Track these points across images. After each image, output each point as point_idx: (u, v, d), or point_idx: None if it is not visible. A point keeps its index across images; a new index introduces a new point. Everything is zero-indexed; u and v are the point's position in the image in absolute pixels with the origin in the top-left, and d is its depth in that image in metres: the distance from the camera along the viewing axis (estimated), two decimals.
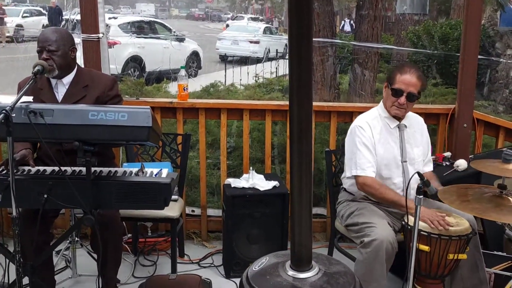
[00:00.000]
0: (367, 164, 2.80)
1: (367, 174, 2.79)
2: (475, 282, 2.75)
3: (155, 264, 3.46)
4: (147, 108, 2.23)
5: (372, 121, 2.89)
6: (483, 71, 8.92)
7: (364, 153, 2.81)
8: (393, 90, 2.79)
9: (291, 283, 1.69)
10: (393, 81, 2.80)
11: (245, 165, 3.73)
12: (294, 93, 1.52)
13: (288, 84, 1.53)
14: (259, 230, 3.31)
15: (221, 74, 9.74)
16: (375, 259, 2.53)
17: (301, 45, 1.44)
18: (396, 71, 2.83)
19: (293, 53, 1.46)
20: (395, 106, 2.83)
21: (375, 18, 4.89)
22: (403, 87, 2.78)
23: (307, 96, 1.52)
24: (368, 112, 3.00)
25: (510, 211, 2.11)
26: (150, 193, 2.34)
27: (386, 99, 2.87)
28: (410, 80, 2.78)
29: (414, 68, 2.85)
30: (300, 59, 1.46)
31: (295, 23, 1.43)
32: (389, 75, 2.86)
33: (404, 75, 2.77)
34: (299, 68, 1.48)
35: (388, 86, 2.85)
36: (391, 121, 2.89)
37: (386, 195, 2.76)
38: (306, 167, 1.57)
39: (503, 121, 3.78)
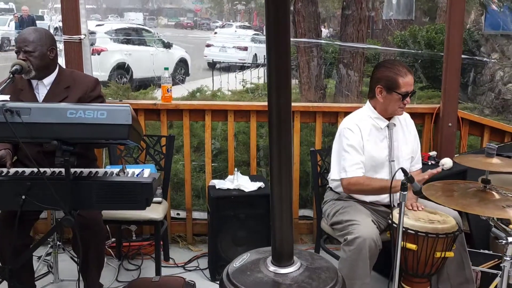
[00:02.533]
0: (355, 166, 2.76)
1: (353, 175, 2.76)
2: (462, 280, 2.73)
3: (140, 268, 3.41)
4: (127, 106, 2.19)
5: (361, 122, 2.85)
6: (468, 72, 8.99)
7: (352, 155, 2.78)
8: (402, 95, 2.74)
9: (272, 278, 1.66)
10: (397, 86, 2.74)
11: (230, 167, 3.70)
12: (272, 84, 1.50)
13: (266, 74, 1.51)
14: (244, 231, 3.27)
15: (209, 81, 9.73)
16: (358, 256, 2.50)
17: (279, 37, 1.42)
18: (395, 75, 2.75)
19: (271, 43, 1.44)
20: (401, 108, 2.82)
21: (360, 20, 4.90)
22: (408, 89, 2.76)
23: (286, 86, 1.50)
24: (356, 113, 2.95)
25: (493, 205, 2.10)
26: (131, 193, 2.29)
27: (389, 103, 2.79)
28: (411, 80, 2.78)
29: (405, 66, 2.82)
30: (278, 48, 1.44)
31: (273, 12, 1.41)
32: (388, 80, 2.76)
33: (406, 78, 2.74)
34: (277, 58, 1.46)
35: (387, 91, 2.77)
36: (381, 121, 2.86)
37: (373, 185, 2.73)
38: (285, 159, 1.55)
39: (488, 120, 3.80)
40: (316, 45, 4.76)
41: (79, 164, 2.34)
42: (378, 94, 2.82)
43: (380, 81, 2.80)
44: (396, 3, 11.81)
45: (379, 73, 2.82)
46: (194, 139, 4.58)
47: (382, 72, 2.81)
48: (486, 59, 8.83)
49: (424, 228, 2.46)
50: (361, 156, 2.79)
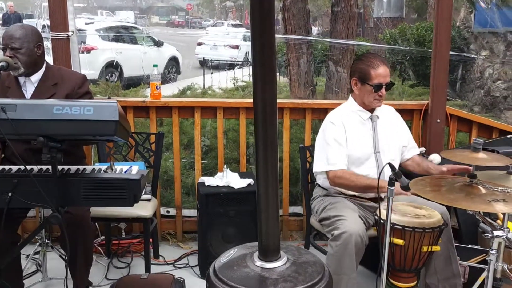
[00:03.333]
0: (338, 158, 2.80)
1: (338, 167, 2.79)
2: (449, 275, 2.75)
3: (129, 265, 3.41)
4: (114, 102, 2.18)
5: (344, 116, 2.89)
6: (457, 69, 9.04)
7: (335, 148, 2.81)
8: (374, 87, 2.78)
9: (259, 273, 1.66)
10: (369, 77, 2.79)
11: (220, 163, 3.70)
12: (257, 77, 1.50)
13: (252, 68, 1.51)
14: (234, 228, 3.27)
15: (201, 79, 9.71)
16: (345, 252, 2.51)
17: (264, 30, 1.42)
18: (367, 67, 2.81)
19: (256, 37, 1.44)
20: (377, 100, 2.85)
21: (350, 18, 4.91)
22: (381, 80, 2.79)
23: (271, 80, 1.50)
24: (339, 108, 3.00)
25: (480, 199, 2.11)
26: (119, 190, 2.28)
27: (364, 95, 2.85)
28: (385, 72, 2.81)
29: (379, 58, 2.87)
30: (263, 43, 1.44)
31: (257, 7, 1.41)
32: (360, 72, 2.83)
33: (378, 69, 2.78)
34: (262, 52, 1.46)
35: (361, 83, 2.83)
36: (363, 113, 2.90)
37: (358, 182, 2.77)
38: (271, 153, 1.55)
39: (476, 116, 3.83)
40: (306, 42, 4.76)
41: (68, 162, 2.33)
42: (353, 86, 2.89)
43: (354, 73, 2.88)
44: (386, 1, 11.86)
45: (355, 66, 2.90)
46: (184, 136, 4.57)
47: (356, 65, 2.88)
48: (474, 55, 8.88)
49: (410, 223, 2.47)
50: (345, 150, 2.82)
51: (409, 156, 3.03)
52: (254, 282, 1.62)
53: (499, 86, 8.65)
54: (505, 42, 8.40)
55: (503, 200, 2.10)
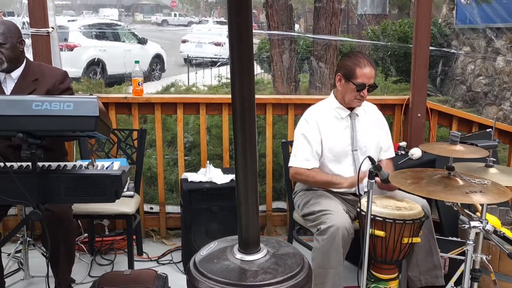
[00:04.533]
0: (302, 157, 2.82)
1: (300, 166, 2.82)
2: (430, 267, 2.78)
3: (113, 263, 3.40)
4: (94, 97, 2.17)
5: (321, 113, 2.88)
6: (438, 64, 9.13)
7: (302, 146, 2.83)
8: (357, 85, 2.76)
9: (239, 265, 1.67)
10: (353, 75, 2.77)
11: (203, 159, 3.70)
12: (235, 71, 1.51)
13: (229, 62, 1.51)
14: (217, 224, 3.28)
15: (185, 77, 9.69)
16: (332, 245, 2.53)
17: (240, 21, 1.43)
18: (353, 65, 2.78)
19: (233, 29, 1.44)
20: (357, 99, 2.83)
21: (333, 14, 4.93)
22: (365, 81, 2.77)
23: (248, 74, 1.50)
24: (318, 105, 2.99)
25: (457, 191, 2.15)
26: (100, 186, 2.27)
27: (345, 92, 2.83)
28: (370, 73, 2.79)
29: (367, 58, 2.85)
30: (240, 35, 1.45)
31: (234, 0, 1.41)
32: (346, 69, 2.81)
33: (364, 69, 2.76)
34: (239, 45, 1.46)
35: (345, 79, 2.81)
36: (342, 110, 2.89)
37: (317, 178, 2.81)
38: (250, 146, 1.56)
39: (456, 110, 3.89)
40: (289, 38, 4.78)
41: (49, 158, 2.32)
42: (337, 81, 2.88)
43: (340, 69, 2.87)
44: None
45: (342, 62, 2.89)
46: (167, 133, 4.56)
47: (344, 61, 2.87)
48: (454, 50, 8.98)
49: (391, 215, 2.50)
50: (312, 149, 2.82)
51: (380, 158, 3.02)
52: (234, 274, 1.63)
53: (480, 82, 8.76)
54: (486, 38, 8.51)
55: (480, 192, 2.14)
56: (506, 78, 8.09)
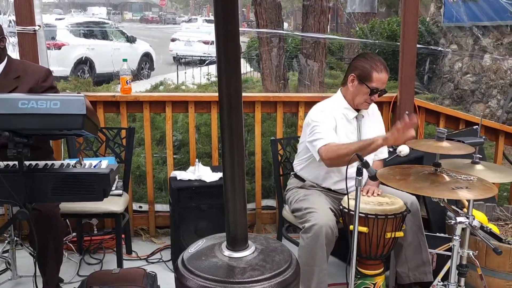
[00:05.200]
0: (330, 134, 2.71)
1: (331, 141, 2.68)
2: (419, 263, 2.81)
3: (101, 262, 3.38)
4: (81, 95, 2.16)
5: (334, 110, 2.84)
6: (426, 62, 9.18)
7: (325, 126, 2.73)
8: (371, 89, 2.74)
9: (227, 262, 1.67)
10: (369, 79, 2.73)
11: (192, 158, 3.70)
12: (222, 68, 1.51)
13: (216, 59, 1.51)
14: (206, 222, 3.27)
15: (175, 76, 9.65)
16: (316, 243, 2.54)
17: (227, 18, 1.43)
18: (370, 68, 2.73)
19: (219, 25, 1.44)
20: (367, 103, 2.82)
21: (321, 12, 4.94)
22: (379, 86, 2.75)
23: (235, 72, 1.50)
24: (325, 102, 2.94)
25: (444, 187, 2.17)
26: (88, 185, 2.26)
27: (357, 94, 2.79)
28: (385, 78, 2.77)
29: (384, 63, 2.80)
30: (227, 32, 1.45)
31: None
32: (362, 71, 2.76)
33: (381, 74, 2.73)
34: (226, 41, 1.46)
35: (359, 81, 2.77)
36: (350, 111, 2.87)
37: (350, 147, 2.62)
38: (237, 143, 1.56)
39: (443, 108, 3.92)
40: (277, 36, 4.78)
41: (35, 157, 2.30)
42: (349, 82, 2.82)
43: (355, 69, 2.80)
44: None
45: (357, 62, 2.81)
46: (156, 131, 4.55)
47: (360, 62, 2.79)
48: (441, 48, 9.04)
49: (373, 210, 2.52)
50: (334, 131, 2.74)
51: (376, 159, 3.03)
52: (222, 271, 1.63)
53: (468, 79, 8.83)
54: (473, 37, 8.58)
55: (466, 188, 2.16)
56: (493, 76, 8.16)
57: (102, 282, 2.56)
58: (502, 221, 3.25)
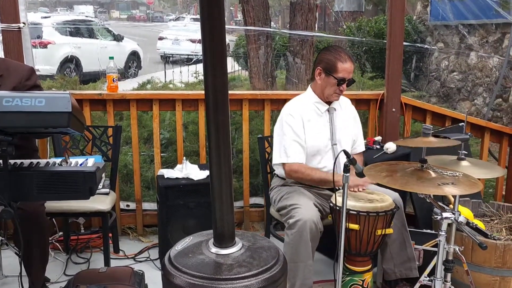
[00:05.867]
0: (294, 151, 2.82)
1: (294, 160, 2.81)
2: (404, 259, 2.83)
3: (88, 261, 3.36)
4: (66, 93, 2.14)
5: (303, 107, 2.91)
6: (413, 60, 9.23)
7: (292, 140, 2.83)
8: (338, 80, 2.79)
9: (214, 259, 1.66)
10: (334, 70, 2.79)
11: (179, 156, 3.68)
12: (208, 63, 1.50)
13: (202, 54, 1.50)
14: (194, 220, 3.26)
15: (163, 74, 9.61)
16: (300, 239, 2.55)
17: (212, 12, 1.42)
18: (335, 59, 2.80)
19: (205, 21, 1.43)
20: (336, 94, 2.86)
21: (309, 10, 4.95)
22: (346, 75, 2.81)
23: (221, 66, 1.50)
24: (298, 98, 3.01)
25: (430, 183, 2.18)
26: (74, 183, 2.24)
27: (325, 86, 2.85)
28: (351, 67, 2.83)
29: (347, 53, 2.88)
30: (212, 26, 1.44)
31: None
32: (327, 63, 2.83)
33: (345, 64, 2.79)
34: (211, 36, 1.45)
35: (325, 73, 2.83)
36: (321, 105, 2.92)
37: (313, 176, 2.80)
38: (223, 139, 1.55)
39: (429, 105, 3.95)
40: (265, 34, 4.78)
41: (20, 155, 2.27)
42: (317, 75, 2.88)
43: (320, 63, 2.87)
44: None
45: (322, 56, 2.89)
46: (144, 130, 4.53)
47: (325, 55, 2.87)
48: (427, 46, 9.11)
49: (365, 208, 2.53)
50: (302, 142, 2.84)
51: (354, 152, 3.07)
52: (209, 268, 1.62)
53: (454, 77, 8.91)
54: (459, 35, 8.66)
55: (451, 183, 2.18)
56: (479, 73, 8.24)
57: (89, 281, 2.54)
58: (487, 217, 3.28)
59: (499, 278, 2.77)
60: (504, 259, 2.73)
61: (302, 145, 2.83)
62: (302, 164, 2.82)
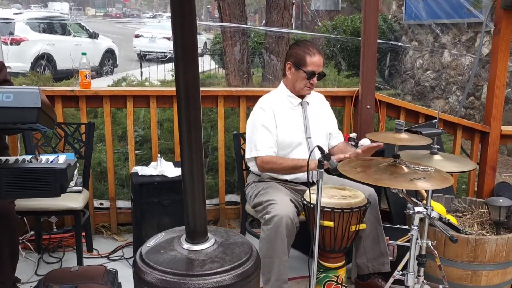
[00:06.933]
0: (266, 145, 2.82)
1: (265, 153, 2.82)
2: (377, 254, 2.86)
3: (61, 260, 3.30)
4: (35, 88, 2.09)
5: (275, 102, 2.92)
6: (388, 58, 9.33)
7: (263, 134, 2.83)
8: (307, 73, 2.82)
9: (186, 255, 1.65)
10: (303, 64, 2.82)
11: (154, 153, 3.65)
12: (179, 58, 1.48)
13: (173, 48, 1.49)
14: (169, 218, 3.23)
15: (139, 72, 9.52)
16: (276, 234, 2.55)
17: (183, 5, 1.41)
18: (303, 53, 2.83)
19: (175, 13, 1.42)
20: (307, 87, 2.89)
21: (285, 7, 4.96)
22: (315, 69, 2.83)
23: (192, 59, 1.48)
24: (269, 94, 3.02)
25: (402, 178, 2.20)
26: (44, 180, 2.20)
27: (296, 80, 2.88)
28: (320, 61, 2.85)
29: (316, 47, 2.92)
30: (183, 20, 1.42)
31: None
32: (296, 57, 2.85)
33: (314, 57, 2.82)
34: (182, 29, 1.44)
35: (295, 68, 2.86)
36: (294, 99, 2.94)
37: (285, 164, 2.80)
38: (195, 134, 1.54)
39: (403, 102, 3.98)
40: (241, 31, 4.77)
41: None
42: (287, 70, 2.91)
43: (290, 57, 2.90)
44: None
45: (291, 50, 2.92)
46: (118, 127, 4.47)
47: (294, 50, 2.90)
48: (400, 43, 9.22)
49: (339, 204, 2.54)
50: (273, 136, 2.84)
51: (335, 143, 3.09)
52: (181, 264, 1.61)
53: (428, 76, 9.03)
54: (433, 34, 8.78)
55: (423, 178, 2.19)
56: (452, 72, 8.37)
57: (61, 281, 2.49)
58: (460, 213, 3.33)
59: (471, 272, 2.81)
60: (475, 253, 2.77)
61: (273, 138, 2.84)
62: (272, 156, 2.82)
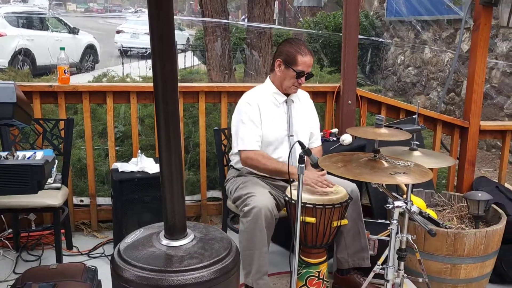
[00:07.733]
0: (251, 139, 2.81)
1: (251, 148, 2.80)
2: (358, 249, 2.87)
3: (40, 258, 3.25)
4: (11, 83, 2.05)
5: (260, 97, 2.90)
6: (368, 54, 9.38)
7: (249, 128, 2.82)
8: (297, 72, 2.80)
9: (165, 251, 1.64)
10: (295, 62, 2.80)
11: (135, 149, 3.61)
12: (156, 52, 1.47)
13: (150, 41, 1.47)
14: (150, 214, 3.21)
15: (120, 68, 9.42)
16: (255, 226, 2.54)
17: (160, 1, 1.39)
18: (295, 52, 2.81)
19: (152, 4, 1.40)
20: (295, 86, 2.87)
21: (267, 3, 4.94)
22: (305, 68, 2.81)
23: (169, 53, 1.46)
24: (256, 89, 3.01)
25: (382, 173, 2.21)
26: (21, 177, 2.16)
27: (284, 78, 2.86)
28: (310, 61, 2.84)
29: (307, 47, 2.89)
30: (160, 12, 1.40)
31: None
32: (287, 55, 2.83)
33: (305, 57, 2.80)
34: (159, 23, 1.42)
35: (285, 65, 2.83)
36: (279, 96, 2.92)
37: (269, 166, 2.80)
38: (173, 128, 1.52)
39: (384, 97, 4.01)
40: (222, 26, 4.74)
41: None
42: (277, 67, 2.88)
43: (281, 55, 2.87)
44: None
45: (283, 48, 2.89)
46: (98, 123, 4.42)
47: (285, 47, 2.87)
48: (381, 39, 9.28)
49: (321, 200, 2.54)
50: (259, 131, 2.83)
51: (311, 147, 3.05)
52: (160, 260, 1.59)
53: (410, 72, 9.11)
54: (414, 31, 8.85)
55: (403, 173, 2.21)
56: (433, 68, 8.45)
57: (39, 278, 2.45)
58: (440, 207, 3.36)
59: (450, 265, 2.84)
60: (454, 247, 2.80)
61: (258, 133, 2.83)
62: (258, 152, 2.81)
